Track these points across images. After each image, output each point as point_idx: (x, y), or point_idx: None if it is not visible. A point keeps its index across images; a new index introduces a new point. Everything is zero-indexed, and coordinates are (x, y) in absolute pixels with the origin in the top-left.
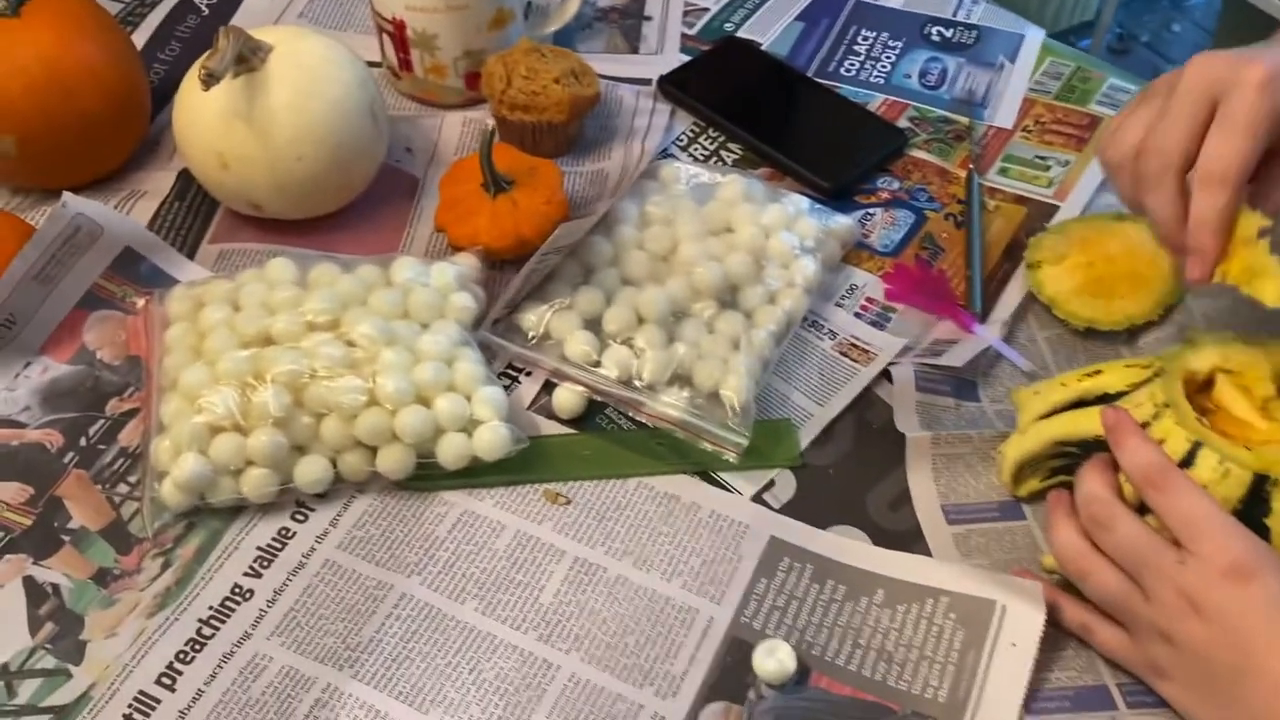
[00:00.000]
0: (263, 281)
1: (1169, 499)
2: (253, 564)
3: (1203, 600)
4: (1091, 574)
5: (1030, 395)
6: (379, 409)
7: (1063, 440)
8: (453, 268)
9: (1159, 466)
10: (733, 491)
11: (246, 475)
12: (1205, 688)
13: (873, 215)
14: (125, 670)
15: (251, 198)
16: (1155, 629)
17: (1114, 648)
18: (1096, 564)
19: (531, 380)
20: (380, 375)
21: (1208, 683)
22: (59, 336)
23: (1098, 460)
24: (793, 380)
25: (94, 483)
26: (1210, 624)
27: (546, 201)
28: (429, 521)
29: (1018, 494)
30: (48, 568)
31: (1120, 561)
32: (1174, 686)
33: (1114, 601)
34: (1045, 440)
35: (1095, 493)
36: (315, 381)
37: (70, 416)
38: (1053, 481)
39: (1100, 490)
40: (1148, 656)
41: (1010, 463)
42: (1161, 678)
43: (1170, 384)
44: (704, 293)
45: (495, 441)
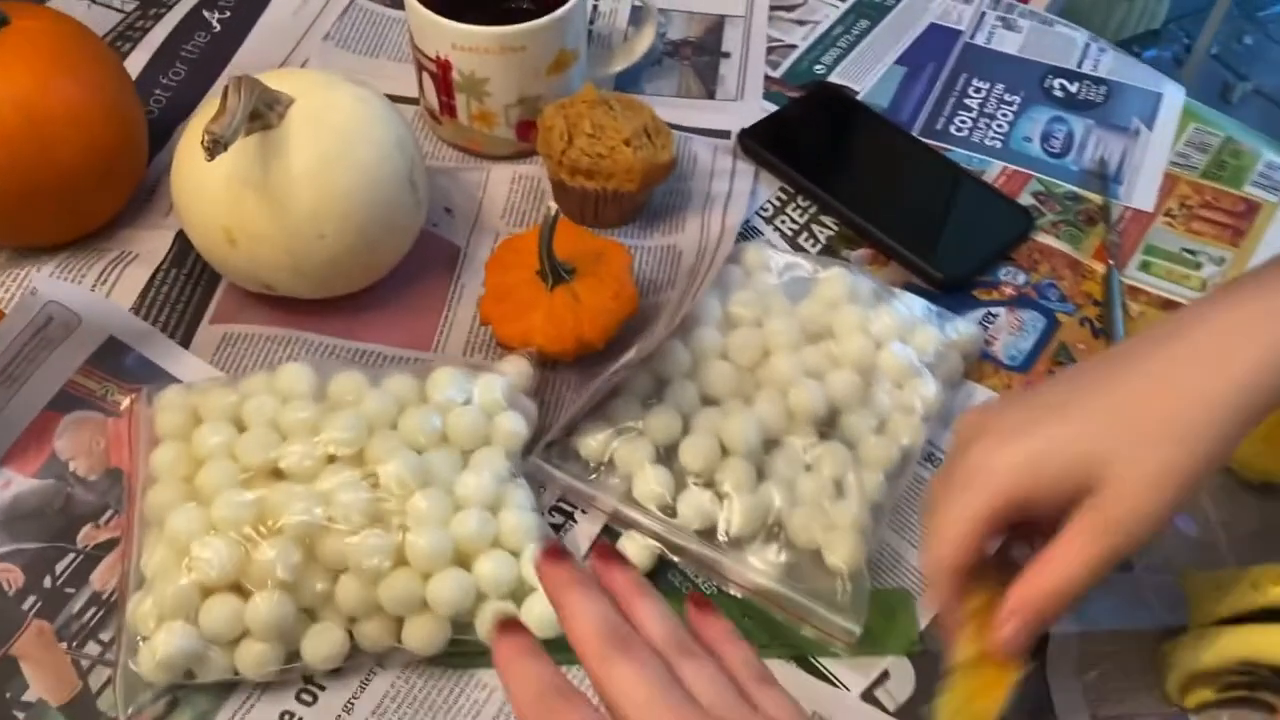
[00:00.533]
0: (272, 393)
1: None
2: None
3: None
4: None
5: (1208, 587)
6: (408, 571)
7: (1253, 661)
8: (500, 381)
9: None
10: (838, 685)
11: (244, 649)
12: None
13: (995, 317)
14: None
15: (262, 278)
16: None
17: None
18: None
19: (588, 520)
20: (411, 530)
21: None
22: (24, 445)
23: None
24: (906, 532)
25: (58, 639)
26: None
27: (614, 296)
28: (466, 711)
29: (1185, 705)
30: None
31: None
32: None
33: None
34: (1228, 658)
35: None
36: (332, 532)
37: (34, 547)
38: (1231, 695)
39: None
40: None
41: (1181, 673)
42: None
43: None
44: (801, 419)
45: (550, 615)
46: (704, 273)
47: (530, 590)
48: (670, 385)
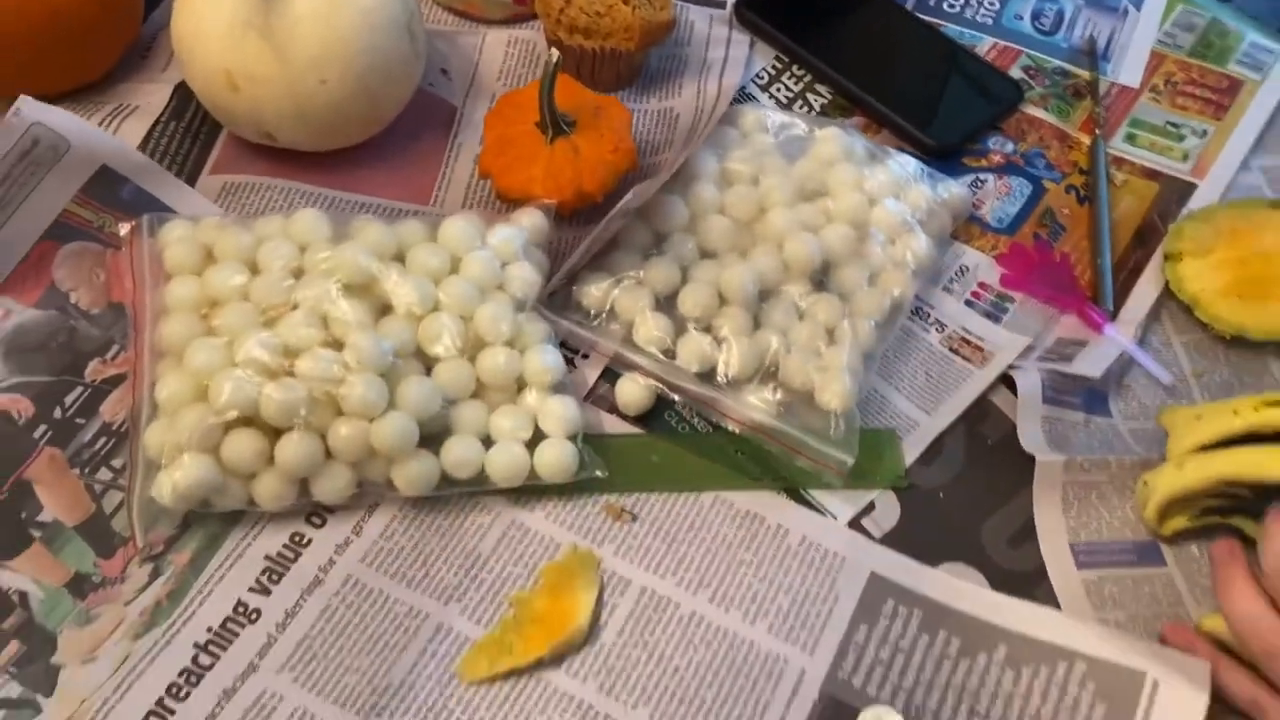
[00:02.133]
0: (287, 237)
1: None
2: (260, 577)
3: None
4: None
5: (1189, 419)
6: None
7: (1234, 480)
8: (517, 231)
9: None
10: (825, 514)
11: (262, 482)
12: None
13: (984, 182)
14: (106, 706)
15: (264, 125)
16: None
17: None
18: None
19: (589, 365)
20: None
21: None
22: (23, 273)
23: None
24: (895, 380)
25: (70, 465)
26: None
27: (613, 150)
28: (469, 534)
29: (1161, 532)
30: (13, 570)
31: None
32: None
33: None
34: (1210, 478)
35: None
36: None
37: (42, 380)
38: (1204, 522)
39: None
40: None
41: (1160, 496)
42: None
43: None
44: (797, 271)
45: (561, 464)
46: (701, 130)
47: (544, 436)
48: (669, 239)
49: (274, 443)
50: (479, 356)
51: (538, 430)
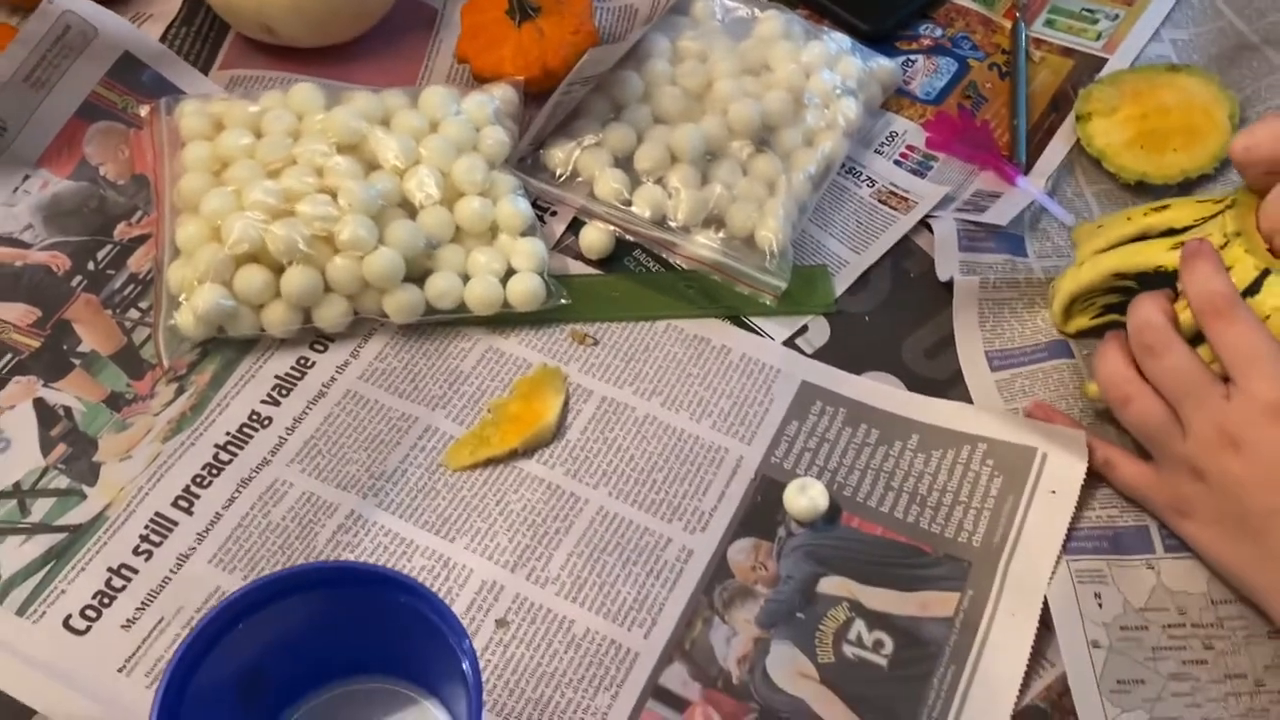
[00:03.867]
0: (287, 108)
1: (1228, 329)
2: (271, 392)
3: (1243, 436)
4: (1134, 400)
5: (1092, 229)
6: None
7: (1122, 272)
8: (489, 99)
9: (1226, 296)
10: (764, 336)
11: (270, 310)
12: (1234, 527)
13: (914, 62)
14: (141, 492)
15: (265, 18)
16: (1188, 464)
17: (1137, 484)
18: (1140, 390)
19: (557, 220)
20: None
21: (1238, 523)
22: (57, 148)
23: (1157, 292)
24: (829, 227)
25: (103, 307)
26: (1249, 462)
27: (574, 31)
28: (453, 356)
29: (1066, 330)
30: (58, 389)
31: (1165, 391)
32: (1197, 525)
33: (1151, 431)
34: (1103, 271)
35: (1149, 319)
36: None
37: (77, 240)
38: (1103, 320)
39: (1155, 316)
40: (1174, 493)
41: (1063, 295)
42: (1185, 516)
43: (1242, 214)
44: (740, 132)
45: (530, 293)
46: (656, 14)
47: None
48: (626, 108)
49: (279, 276)
50: (456, 204)
51: (511, 270)
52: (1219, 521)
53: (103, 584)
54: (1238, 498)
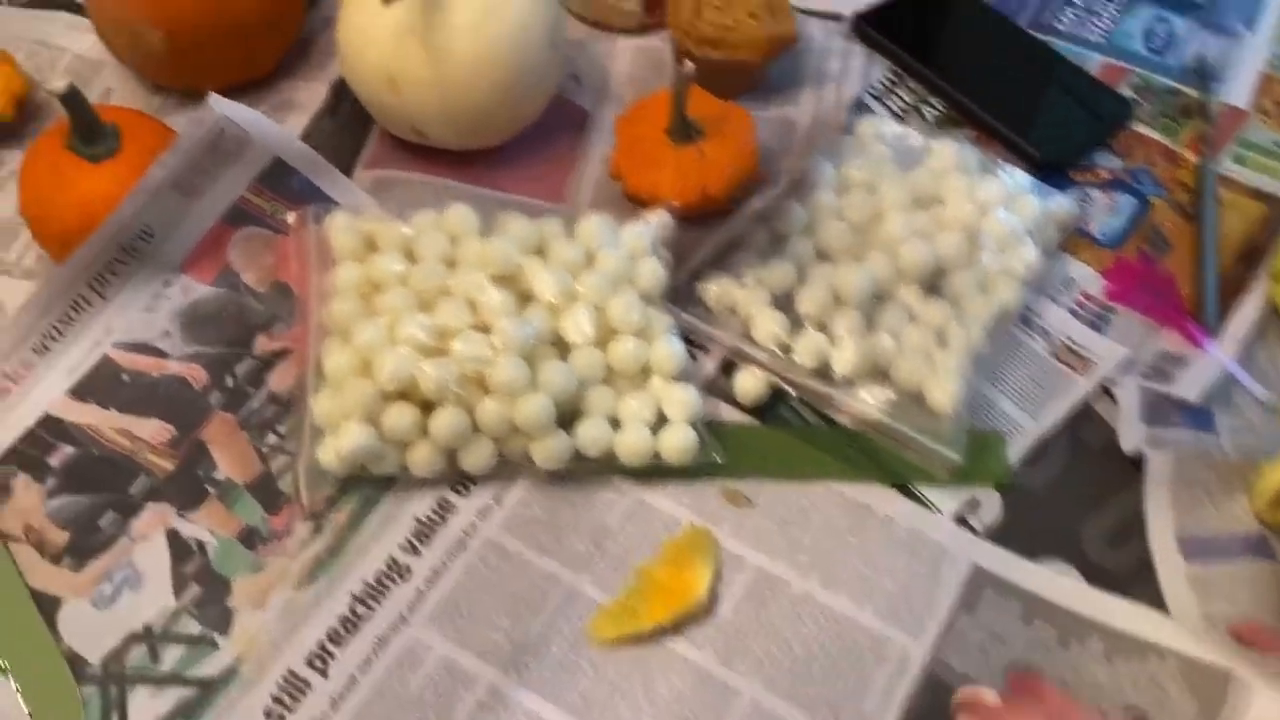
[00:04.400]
0: (441, 230)
1: None
2: (410, 537)
3: None
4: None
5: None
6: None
7: None
8: (648, 228)
9: None
10: (931, 509)
11: (416, 450)
12: None
13: (1090, 197)
14: (274, 645)
15: (417, 124)
16: None
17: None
18: None
19: (709, 357)
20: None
21: None
22: (201, 254)
23: None
24: (1001, 385)
25: (241, 429)
26: None
27: (737, 155)
28: (599, 507)
29: (1270, 521)
30: (192, 521)
31: None
32: None
33: None
34: None
35: None
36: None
37: (215, 351)
38: None
39: None
40: None
41: (1268, 486)
42: None
43: None
44: (910, 275)
45: (683, 447)
46: (820, 139)
47: (667, 422)
48: (787, 241)
49: (427, 415)
50: (610, 344)
51: (661, 415)
52: None
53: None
54: None
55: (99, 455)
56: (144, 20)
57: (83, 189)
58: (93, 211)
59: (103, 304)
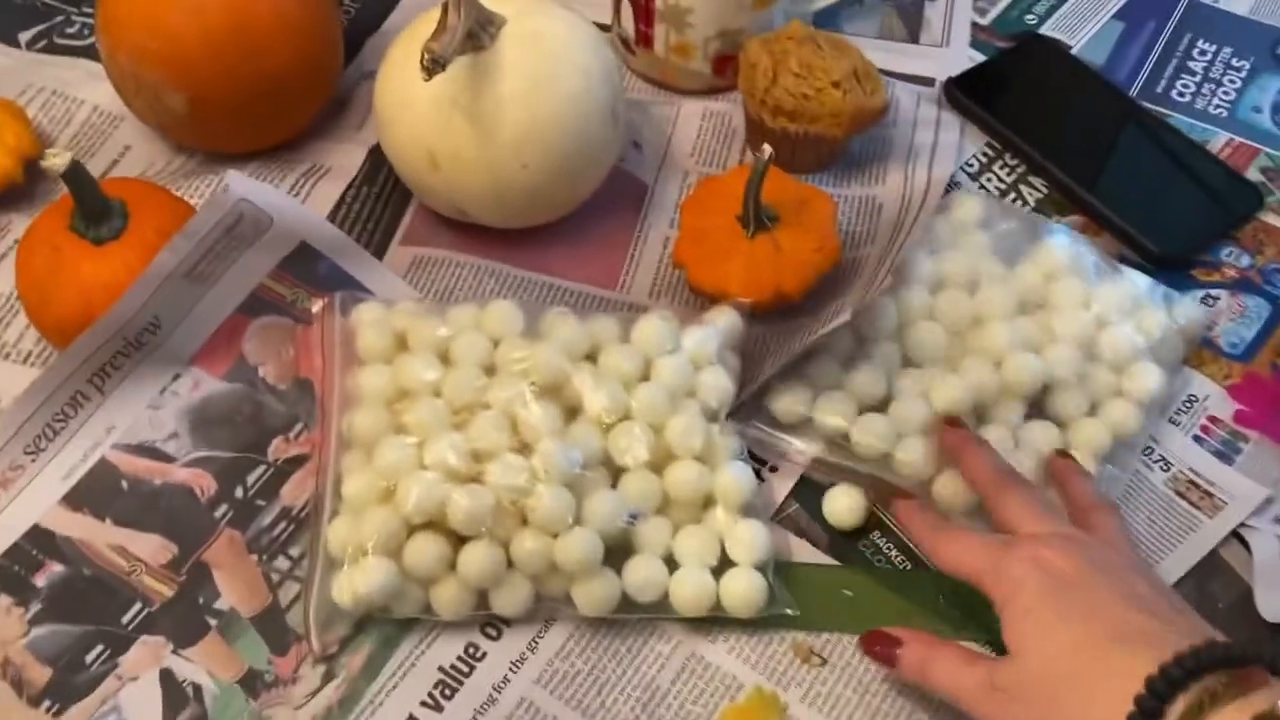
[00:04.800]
0: (481, 329)
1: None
2: (433, 690)
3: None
4: None
5: None
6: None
7: None
8: (714, 333)
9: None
10: None
11: (441, 588)
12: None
13: (1215, 300)
14: None
15: (460, 203)
16: None
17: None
18: None
19: (778, 478)
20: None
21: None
22: (214, 346)
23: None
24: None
25: (249, 551)
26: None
27: (817, 248)
28: (647, 663)
29: None
30: (189, 659)
31: None
32: None
33: None
34: None
35: None
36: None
37: (226, 456)
38: None
39: None
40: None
41: None
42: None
43: None
44: (1014, 392)
45: (749, 598)
46: (909, 225)
47: (732, 565)
48: (874, 344)
49: (456, 549)
50: (667, 469)
51: (724, 555)
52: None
53: None
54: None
55: (90, 576)
56: (166, 83)
57: (84, 275)
58: (94, 299)
59: (103, 400)
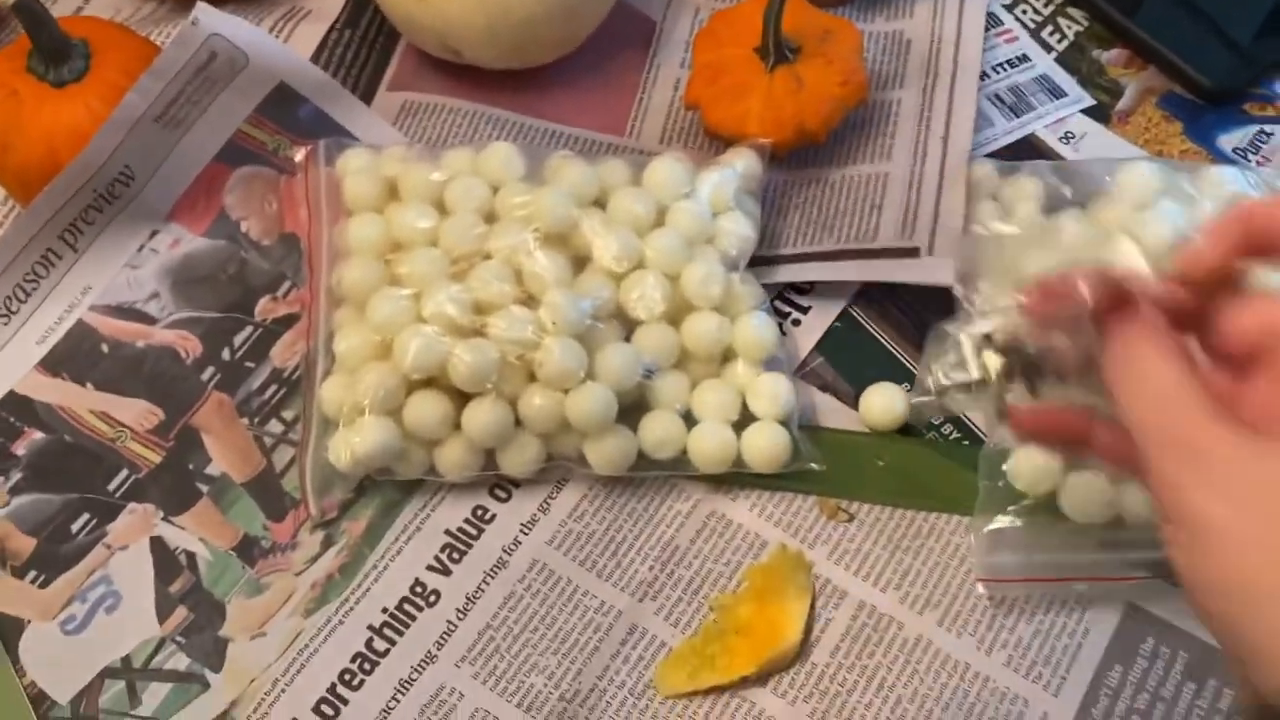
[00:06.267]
0: (478, 174)
1: None
2: (439, 554)
3: None
4: None
5: None
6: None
7: None
8: (732, 175)
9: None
10: None
11: (446, 449)
12: None
13: (1269, 136)
14: (276, 687)
15: (449, 40)
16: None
17: None
18: None
19: (804, 328)
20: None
21: None
22: (192, 198)
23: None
24: None
25: (239, 414)
26: None
27: (842, 83)
28: (665, 522)
29: None
30: (180, 527)
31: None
32: None
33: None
34: None
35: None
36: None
37: (210, 317)
38: None
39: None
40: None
41: None
42: None
43: None
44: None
45: (772, 453)
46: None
47: (752, 418)
48: None
49: (460, 407)
50: (685, 321)
51: (746, 410)
52: None
53: None
54: None
55: (72, 443)
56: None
57: (45, 120)
58: (59, 147)
59: (77, 258)
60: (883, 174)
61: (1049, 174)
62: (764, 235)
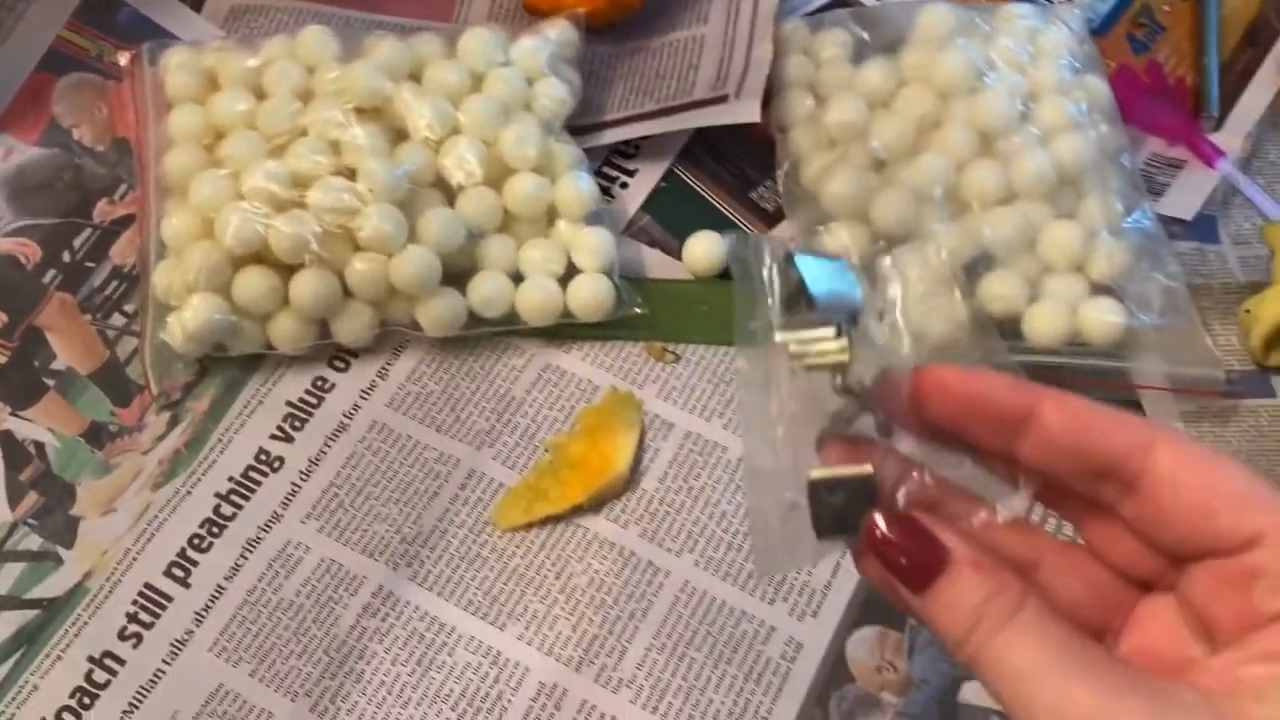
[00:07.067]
0: (294, 59)
1: None
2: (282, 424)
3: None
4: None
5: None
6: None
7: None
8: (544, 43)
9: None
10: None
11: (278, 322)
12: None
13: None
14: (128, 556)
15: None
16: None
17: None
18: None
19: (629, 193)
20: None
21: None
22: (20, 108)
23: None
24: None
25: (81, 311)
26: None
27: None
28: (501, 377)
29: (1266, 363)
30: (28, 419)
31: None
32: None
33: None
34: None
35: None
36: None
37: (48, 223)
38: None
39: None
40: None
41: (1264, 326)
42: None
43: None
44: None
45: (596, 301)
46: None
47: (578, 272)
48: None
49: (288, 280)
50: (505, 184)
51: (573, 269)
52: None
53: (83, 678)
54: None
55: None
56: None
57: None
58: None
59: None
60: (699, 36)
61: (851, 23)
62: (590, 105)
